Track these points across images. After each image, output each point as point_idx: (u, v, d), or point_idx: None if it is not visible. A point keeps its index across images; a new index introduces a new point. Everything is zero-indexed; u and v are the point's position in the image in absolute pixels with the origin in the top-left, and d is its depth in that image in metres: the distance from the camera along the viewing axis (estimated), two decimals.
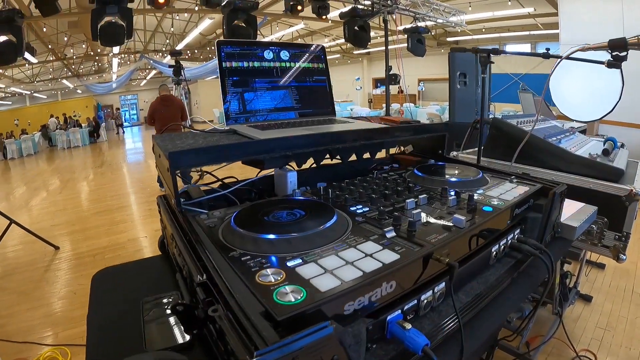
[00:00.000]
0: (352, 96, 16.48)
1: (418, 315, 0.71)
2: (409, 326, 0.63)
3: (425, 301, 0.71)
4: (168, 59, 14.49)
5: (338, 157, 1.31)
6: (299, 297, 0.54)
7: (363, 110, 10.53)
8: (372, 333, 0.62)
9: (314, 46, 1.50)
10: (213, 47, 14.67)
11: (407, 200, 0.92)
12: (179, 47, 13.13)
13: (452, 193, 0.98)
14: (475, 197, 0.96)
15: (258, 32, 11.62)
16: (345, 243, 0.73)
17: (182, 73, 6.33)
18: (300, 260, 0.65)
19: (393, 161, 1.59)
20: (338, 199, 1.00)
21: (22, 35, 3.09)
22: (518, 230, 0.99)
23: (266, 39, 13.05)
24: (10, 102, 17.92)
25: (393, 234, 0.75)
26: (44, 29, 8.89)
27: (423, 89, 15.11)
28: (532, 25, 10.20)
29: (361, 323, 0.58)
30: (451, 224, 0.80)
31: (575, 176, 1.77)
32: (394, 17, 5.16)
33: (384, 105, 10.06)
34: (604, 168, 1.73)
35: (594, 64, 1.57)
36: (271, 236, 0.72)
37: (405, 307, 0.68)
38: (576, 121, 3.24)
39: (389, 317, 0.64)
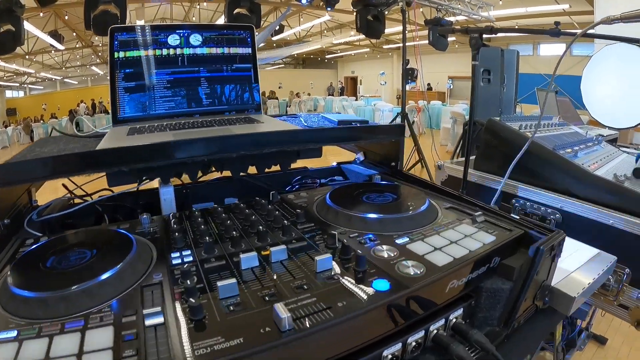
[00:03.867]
0: (381, 91, 15.94)
1: None
2: None
3: None
4: None
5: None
6: None
7: (387, 106, 10.06)
8: None
9: (238, 27, 1.17)
10: None
11: (243, 256, 0.57)
12: None
13: (339, 245, 0.62)
14: (384, 254, 0.59)
15: (285, 22, 11.47)
16: (33, 328, 0.45)
17: None
18: None
19: (340, 172, 1.24)
20: (172, 235, 0.68)
21: (21, 24, 3.04)
22: (460, 310, 0.61)
23: (292, 31, 12.81)
24: (42, 87, 18.48)
25: (160, 320, 0.45)
26: (66, 17, 8.94)
27: (451, 87, 14.32)
28: (568, 24, 9.36)
29: None
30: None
31: (592, 205, 1.32)
32: (418, 9, 4.69)
33: (410, 101, 9.69)
34: (633, 196, 1.27)
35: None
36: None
37: None
38: (609, 128, 2.73)
39: None
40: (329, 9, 4.47)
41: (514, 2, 8.41)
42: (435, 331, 0.57)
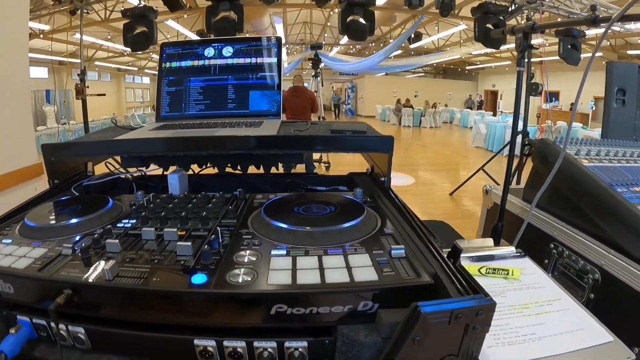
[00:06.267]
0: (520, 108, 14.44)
1: None
2: None
3: None
4: (334, 52, 15.19)
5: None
6: None
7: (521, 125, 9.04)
8: None
9: (265, 39, 1.30)
10: (372, 44, 14.86)
11: (143, 229, 0.73)
12: (342, 41, 13.63)
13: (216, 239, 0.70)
14: (244, 259, 0.63)
15: (423, 30, 11.27)
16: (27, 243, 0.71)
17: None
18: None
19: (349, 182, 1.26)
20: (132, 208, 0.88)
21: (154, 27, 3.74)
22: (303, 343, 0.58)
23: (429, 39, 12.52)
24: None
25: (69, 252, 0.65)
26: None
27: (593, 108, 12.21)
28: None
29: None
30: None
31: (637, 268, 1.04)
32: (540, 16, 4.21)
33: (548, 121, 8.59)
34: None
35: None
36: None
37: None
38: None
39: None
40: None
41: None
42: (261, 349, 0.58)
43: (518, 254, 1.08)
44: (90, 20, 8.28)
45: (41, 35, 8.72)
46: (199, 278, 0.57)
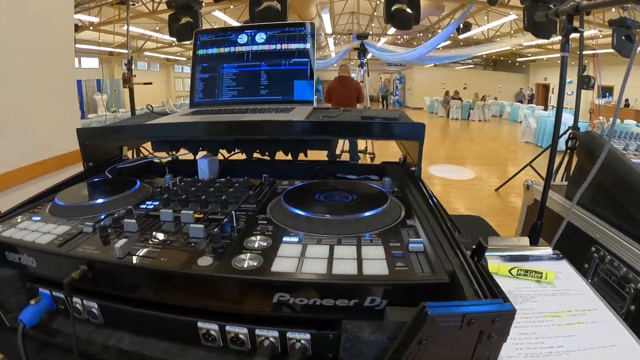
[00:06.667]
0: (572, 103, 13.56)
1: None
2: None
3: None
4: (382, 42, 14.93)
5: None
6: None
7: (570, 119, 8.48)
8: None
9: (298, 24, 1.28)
10: (420, 34, 14.44)
11: (162, 211, 0.74)
12: (390, 32, 13.38)
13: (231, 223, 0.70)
14: (254, 244, 0.62)
15: (472, 19, 10.84)
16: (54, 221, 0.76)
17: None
18: None
19: (381, 171, 1.22)
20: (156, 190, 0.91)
21: (199, 17, 3.80)
22: (306, 335, 0.56)
23: (478, 30, 12.01)
24: None
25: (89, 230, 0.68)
26: None
27: None
28: None
29: None
30: None
31: None
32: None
33: (601, 117, 8.02)
34: None
35: None
36: None
37: None
38: None
39: None
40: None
41: None
42: (263, 337, 0.57)
43: (555, 256, 1.01)
44: (138, 12, 8.61)
45: (91, 27, 9.17)
46: (204, 260, 0.57)
